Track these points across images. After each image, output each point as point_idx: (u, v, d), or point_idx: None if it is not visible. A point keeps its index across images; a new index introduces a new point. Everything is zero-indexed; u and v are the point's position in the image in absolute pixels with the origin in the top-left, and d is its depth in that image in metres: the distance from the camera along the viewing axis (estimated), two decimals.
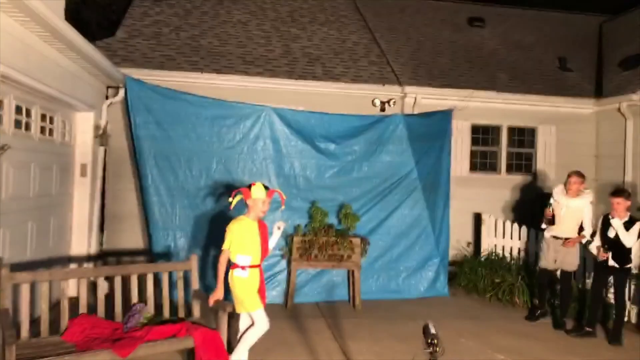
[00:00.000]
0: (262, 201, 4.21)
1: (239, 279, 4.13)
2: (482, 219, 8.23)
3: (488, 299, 6.98)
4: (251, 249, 4.16)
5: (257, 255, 4.20)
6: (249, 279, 4.14)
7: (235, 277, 4.14)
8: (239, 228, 4.15)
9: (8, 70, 4.18)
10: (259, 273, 4.24)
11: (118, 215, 7.53)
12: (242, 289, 4.13)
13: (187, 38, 8.97)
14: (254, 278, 4.17)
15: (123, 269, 4.54)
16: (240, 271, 4.13)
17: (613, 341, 5.48)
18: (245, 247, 4.14)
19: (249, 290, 4.13)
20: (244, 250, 4.13)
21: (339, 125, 7.01)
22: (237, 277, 4.13)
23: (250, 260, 4.15)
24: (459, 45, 10.71)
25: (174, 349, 4.17)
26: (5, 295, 3.70)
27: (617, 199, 5.59)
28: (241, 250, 4.13)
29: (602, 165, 9.25)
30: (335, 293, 6.78)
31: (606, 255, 5.55)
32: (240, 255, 4.13)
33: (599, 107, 9.28)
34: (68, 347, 3.76)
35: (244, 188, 4.28)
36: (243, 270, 4.13)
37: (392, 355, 4.93)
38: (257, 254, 4.20)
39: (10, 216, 4.66)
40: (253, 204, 4.21)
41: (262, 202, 4.21)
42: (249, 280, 4.14)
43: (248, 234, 4.16)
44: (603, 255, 5.57)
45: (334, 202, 6.88)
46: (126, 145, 7.46)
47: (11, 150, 4.52)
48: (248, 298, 4.13)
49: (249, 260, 4.14)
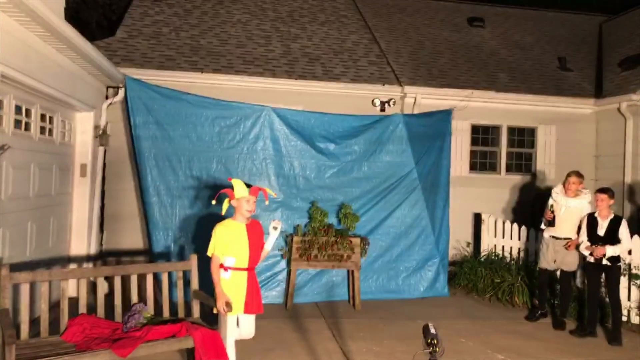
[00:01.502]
0: (245, 200, 4.02)
1: (222, 280, 4.01)
2: (482, 219, 8.23)
3: (488, 299, 6.99)
4: (235, 251, 4.02)
5: (242, 259, 4.04)
6: (230, 282, 4.00)
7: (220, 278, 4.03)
8: (221, 231, 4.02)
9: (8, 70, 4.18)
10: (247, 277, 4.07)
11: (118, 215, 7.53)
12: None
13: (187, 38, 8.97)
14: (237, 282, 4.03)
15: (123, 269, 4.53)
16: (223, 272, 4.02)
17: (613, 341, 5.48)
18: (228, 249, 4.01)
19: (228, 292, 3.96)
20: (227, 252, 4.02)
21: (338, 125, 7.01)
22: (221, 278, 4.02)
23: (233, 262, 4.02)
24: (459, 45, 10.71)
25: (174, 348, 4.17)
26: (5, 295, 3.70)
27: (602, 195, 5.64)
28: (225, 252, 4.02)
29: (602, 165, 9.25)
30: (335, 293, 6.79)
31: (604, 250, 5.51)
32: (225, 257, 4.03)
33: (598, 107, 9.28)
34: (68, 347, 3.76)
35: (228, 189, 4.12)
36: (225, 271, 4.01)
37: (392, 355, 4.94)
38: (242, 257, 4.04)
39: (10, 216, 4.66)
40: (238, 204, 4.05)
41: (246, 201, 4.02)
42: (230, 283, 4.00)
43: (233, 236, 4.02)
44: (601, 251, 5.52)
45: (334, 202, 6.88)
46: (126, 145, 7.46)
47: (11, 150, 4.52)
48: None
49: (232, 262, 4.02)
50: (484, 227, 8.13)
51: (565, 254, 5.95)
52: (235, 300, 3.99)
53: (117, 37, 8.67)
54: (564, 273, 6.08)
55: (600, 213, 5.68)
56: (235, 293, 4.01)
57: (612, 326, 5.63)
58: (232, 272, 4.03)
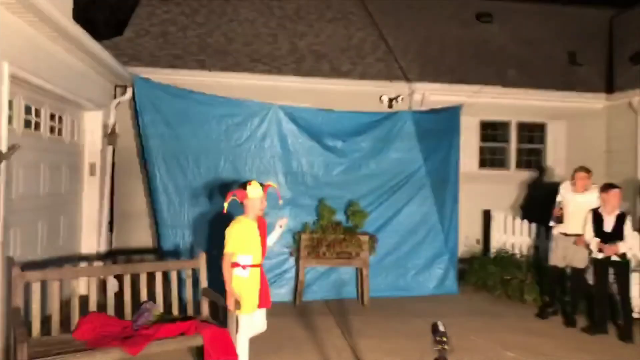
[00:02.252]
0: (259, 199, 4.13)
1: (237, 279, 4.06)
2: (492, 215, 8.18)
3: (498, 296, 6.95)
4: (252, 249, 4.11)
5: (258, 255, 4.15)
6: (249, 279, 4.09)
7: (235, 277, 4.07)
8: (239, 229, 4.08)
9: (17, 70, 4.21)
10: (260, 273, 4.19)
11: (127, 213, 7.58)
12: (241, 289, 4.06)
13: (194, 36, 8.99)
14: (254, 278, 4.13)
15: (132, 267, 4.56)
16: (241, 270, 4.07)
17: (624, 338, 5.43)
18: (246, 247, 4.08)
19: (246, 290, 4.06)
20: (245, 251, 4.08)
21: (346, 122, 6.99)
22: (237, 277, 4.07)
23: (251, 259, 4.10)
24: (467, 40, 10.63)
25: (183, 346, 4.19)
26: (16, 294, 3.73)
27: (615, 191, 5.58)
28: (242, 251, 4.07)
29: (613, 161, 9.15)
30: (343, 291, 6.78)
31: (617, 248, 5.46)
32: (240, 255, 4.08)
33: (609, 102, 9.18)
34: (79, 345, 3.79)
35: (238, 190, 4.17)
36: (244, 269, 4.08)
37: (401, 352, 4.92)
38: (258, 254, 4.15)
39: (21, 215, 4.70)
40: (250, 203, 4.12)
41: (259, 200, 4.13)
42: (248, 280, 4.09)
43: (248, 234, 4.10)
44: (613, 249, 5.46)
45: (342, 199, 6.86)
46: (134, 144, 7.49)
47: (21, 150, 4.55)
48: (243, 299, 4.05)
49: (249, 259, 4.09)
50: (494, 223, 8.08)
51: (575, 250, 5.89)
52: (253, 298, 4.08)
53: (125, 36, 8.70)
54: (574, 270, 6.03)
55: (607, 209, 5.60)
56: (253, 290, 4.10)
57: (624, 323, 5.58)
58: (250, 269, 4.10)
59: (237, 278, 4.07)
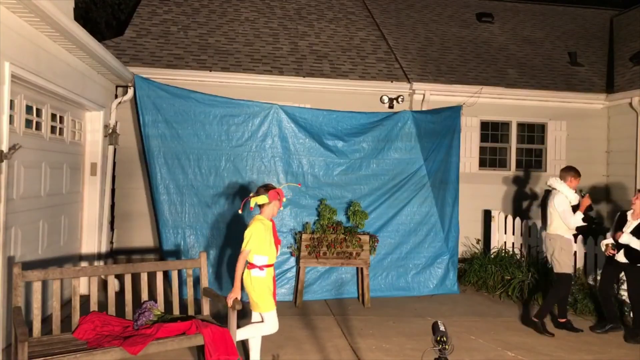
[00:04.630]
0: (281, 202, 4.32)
1: (257, 279, 4.13)
2: (492, 215, 8.18)
3: (498, 296, 6.95)
4: (268, 249, 4.18)
5: (272, 255, 4.23)
6: (266, 279, 4.17)
7: (254, 278, 4.13)
8: (261, 228, 4.13)
9: (18, 70, 4.22)
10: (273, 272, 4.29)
11: (128, 213, 7.59)
12: (260, 289, 4.13)
13: (195, 36, 9.00)
14: (270, 278, 4.21)
15: (133, 267, 4.56)
16: (259, 271, 4.13)
17: (629, 339, 5.43)
18: (263, 248, 4.14)
19: (265, 290, 4.15)
20: (262, 251, 4.13)
21: (347, 122, 7.00)
22: (256, 277, 4.13)
23: (267, 260, 4.17)
24: (468, 41, 10.64)
25: (184, 346, 4.18)
26: (17, 293, 3.74)
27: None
28: (258, 251, 4.12)
29: (613, 161, 9.15)
30: (344, 290, 6.79)
31: (613, 252, 5.56)
32: (257, 256, 4.13)
33: (610, 102, 9.18)
34: (79, 345, 3.79)
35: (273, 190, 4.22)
36: (261, 270, 4.13)
37: (401, 352, 4.93)
38: (272, 254, 4.23)
39: (22, 215, 4.71)
40: (274, 205, 4.25)
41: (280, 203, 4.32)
42: (266, 280, 4.16)
43: (267, 234, 4.18)
44: (610, 252, 5.59)
45: (343, 199, 6.88)
46: (136, 144, 7.51)
47: (22, 150, 4.56)
48: (263, 298, 4.13)
49: (265, 260, 4.16)
50: (494, 224, 8.08)
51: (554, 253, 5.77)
52: (270, 296, 4.17)
53: (126, 36, 8.71)
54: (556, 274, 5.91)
55: (635, 214, 5.55)
56: (270, 289, 4.19)
57: (632, 324, 5.58)
58: (267, 269, 4.17)
59: (257, 279, 4.13)
